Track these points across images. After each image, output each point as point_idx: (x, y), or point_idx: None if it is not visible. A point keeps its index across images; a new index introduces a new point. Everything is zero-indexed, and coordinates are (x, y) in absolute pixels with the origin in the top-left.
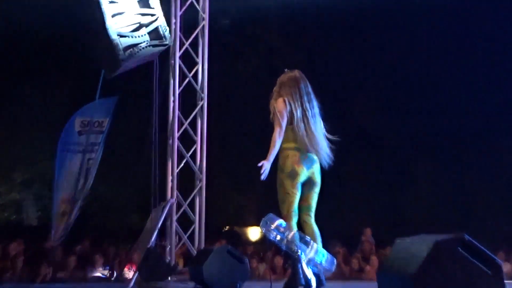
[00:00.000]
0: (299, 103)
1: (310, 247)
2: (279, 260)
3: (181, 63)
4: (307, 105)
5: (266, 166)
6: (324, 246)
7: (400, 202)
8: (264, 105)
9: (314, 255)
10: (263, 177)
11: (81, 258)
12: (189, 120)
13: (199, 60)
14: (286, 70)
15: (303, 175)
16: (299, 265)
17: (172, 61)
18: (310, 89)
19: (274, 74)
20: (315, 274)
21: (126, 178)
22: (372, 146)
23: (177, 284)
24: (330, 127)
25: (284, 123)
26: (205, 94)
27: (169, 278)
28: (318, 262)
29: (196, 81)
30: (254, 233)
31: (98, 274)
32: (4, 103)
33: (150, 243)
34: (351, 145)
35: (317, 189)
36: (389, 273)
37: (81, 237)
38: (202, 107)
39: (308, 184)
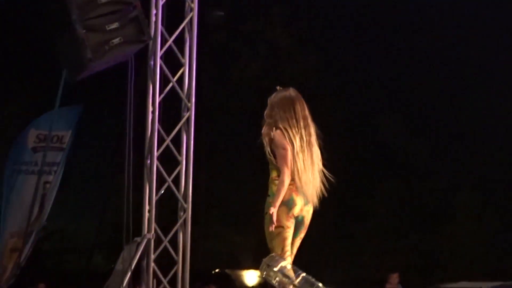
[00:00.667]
0: (296, 129)
1: None
2: None
3: (162, 64)
4: (303, 131)
5: (276, 214)
6: None
7: (433, 241)
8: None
9: None
10: (274, 226)
11: None
12: (172, 135)
13: (185, 61)
14: (278, 87)
15: (299, 208)
16: None
17: (152, 62)
18: (307, 112)
19: (277, 80)
20: None
21: (91, 207)
22: (400, 174)
23: None
24: (350, 144)
25: (289, 161)
26: (192, 104)
27: None
28: None
29: (181, 87)
30: (250, 277)
31: None
32: None
33: None
34: (374, 173)
35: (303, 235)
36: None
37: (35, 281)
38: (188, 119)
39: (297, 225)
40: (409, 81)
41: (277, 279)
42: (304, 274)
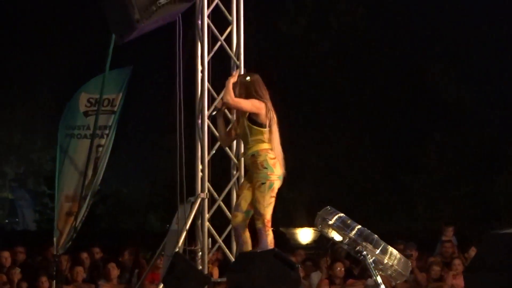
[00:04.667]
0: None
1: (378, 246)
2: (338, 267)
3: (210, 23)
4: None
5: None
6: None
7: (488, 191)
8: (315, 74)
9: (384, 257)
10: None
11: (92, 269)
12: (221, 94)
13: (233, 19)
14: (245, 70)
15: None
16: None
17: (199, 21)
18: None
19: (326, 37)
20: None
21: (144, 169)
22: (452, 123)
23: None
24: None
25: (247, 109)
26: (241, 62)
27: None
28: (390, 265)
29: (230, 46)
30: (305, 234)
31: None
32: None
33: (177, 248)
34: (425, 123)
35: None
36: (482, 273)
37: (91, 243)
38: None
39: None
40: (458, 30)
41: (333, 232)
42: (359, 227)
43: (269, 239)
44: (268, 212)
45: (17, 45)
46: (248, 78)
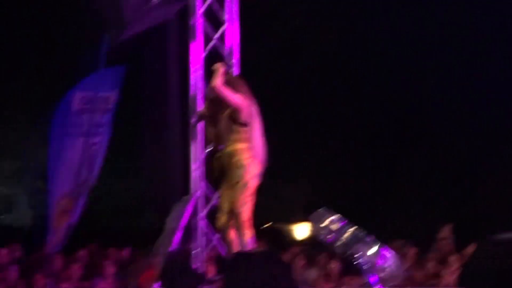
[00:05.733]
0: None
1: (372, 248)
2: (334, 264)
3: (204, 22)
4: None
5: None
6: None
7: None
8: (312, 73)
9: (377, 259)
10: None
11: (88, 267)
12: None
13: (226, 17)
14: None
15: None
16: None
17: (193, 21)
18: None
19: (321, 36)
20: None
21: (139, 167)
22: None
23: None
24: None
25: (232, 99)
26: (234, 61)
27: None
28: (383, 267)
29: (223, 46)
30: (302, 230)
31: (108, 287)
32: None
33: (172, 247)
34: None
35: None
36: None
37: (87, 240)
38: None
39: None
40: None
41: (326, 233)
42: (353, 229)
43: (246, 238)
44: (244, 211)
45: (10, 42)
46: (232, 72)
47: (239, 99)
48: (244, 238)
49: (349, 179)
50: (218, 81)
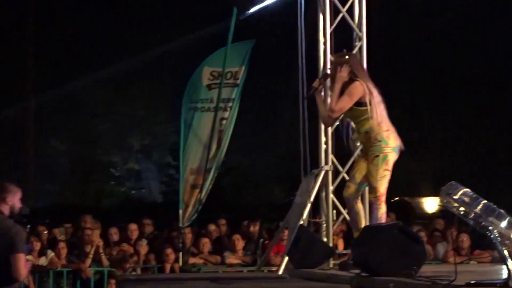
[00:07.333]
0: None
1: (504, 221)
2: (464, 238)
3: None
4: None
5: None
6: None
7: None
8: (438, 44)
9: (510, 231)
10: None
11: (217, 241)
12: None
13: None
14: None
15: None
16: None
17: None
18: None
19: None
20: None
21: (267, 142)
22: None
23: (337, 272)
24: None
25: (351, 104)
26: (363, 33)
27: (327, 264)
28: None
29: (352, 17)
30: (430, 204)
31: (238, 260)
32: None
33: (302, 221)
34: None
35: None
36: None
37: (216, 215)
38: (360, 49)
39: None
40: None
41: (457, 206)
42: (485, 201)
43: (380, 212)
44: (381, 186)
45: (141, 21)
46: (346, 57)
47: (353, 98)
48: (378, 212)
49: (475, 151)
50: (330, 112)
